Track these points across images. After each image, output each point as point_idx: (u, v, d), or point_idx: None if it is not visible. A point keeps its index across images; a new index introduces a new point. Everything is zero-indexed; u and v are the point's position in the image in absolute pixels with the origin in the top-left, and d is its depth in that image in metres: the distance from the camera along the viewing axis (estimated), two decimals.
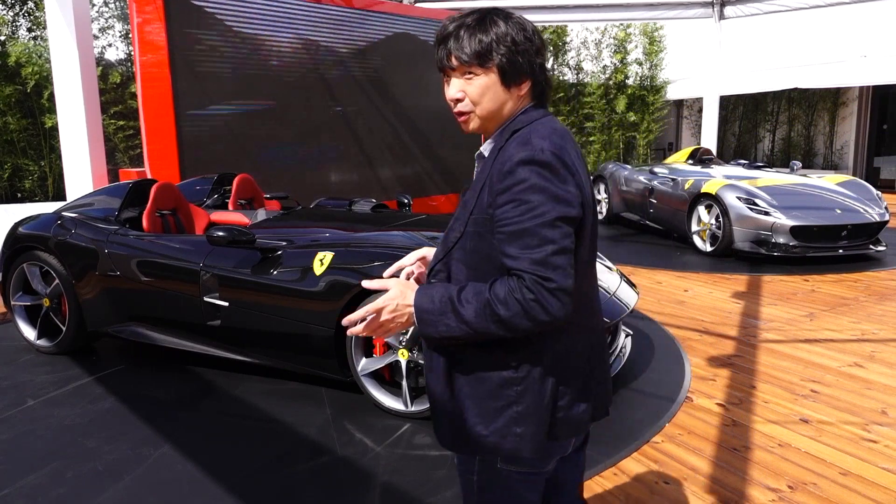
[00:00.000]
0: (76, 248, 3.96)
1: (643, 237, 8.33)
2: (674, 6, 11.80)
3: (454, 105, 1.36)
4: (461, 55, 1.31)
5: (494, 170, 1.28)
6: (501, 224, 1.25)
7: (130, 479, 2.65)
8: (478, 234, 1.31)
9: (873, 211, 6.62)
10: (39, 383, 3.71)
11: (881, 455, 2.78)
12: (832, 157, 14.91)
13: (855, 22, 13.35)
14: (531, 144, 1.26)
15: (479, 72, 1.32)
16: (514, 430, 1.32)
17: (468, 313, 1.25)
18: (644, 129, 14.82)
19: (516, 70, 1.32)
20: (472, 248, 1.32)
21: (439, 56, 1.35)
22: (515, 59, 1.31)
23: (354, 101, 7.82)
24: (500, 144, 1.33)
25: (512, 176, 1.24)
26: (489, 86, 1.32)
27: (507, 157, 1.27)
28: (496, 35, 1.30)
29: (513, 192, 1.23)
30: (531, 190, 1.22)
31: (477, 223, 1.31)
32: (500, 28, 1.31)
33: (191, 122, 6.28)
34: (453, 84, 1.35)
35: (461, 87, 1.34)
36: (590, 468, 2.67)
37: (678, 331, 4.48)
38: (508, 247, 1.24)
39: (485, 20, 1.32)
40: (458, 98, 1.34)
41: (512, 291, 1.22)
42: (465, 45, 1.31)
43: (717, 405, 3.30)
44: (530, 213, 1.22)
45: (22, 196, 9.42)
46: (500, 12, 1.34)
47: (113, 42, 10.17)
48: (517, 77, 1.33)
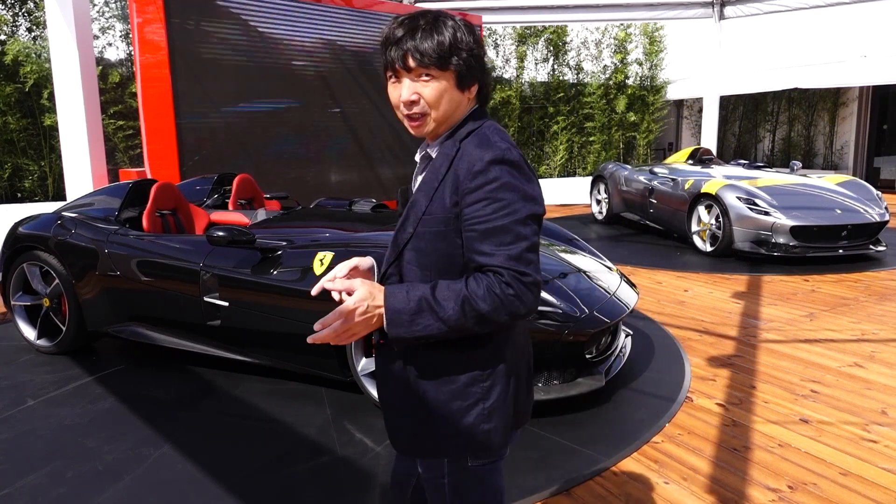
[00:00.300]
0: (76, 248, 3.96)
1: (643, 237, 8.33)
2: (674, 6, 11.80)
3: (408, 107, 1.31)
4: (420, 56, 1.28)
5: (461, 169, 1.29)
6: (474, 222, 1.26)
7: (130, 479, 2.65)
8: (438, 234, 1.31)
9: (873, 211, 6.62)
10: (39, 383, 3.71)
11: (881, 455, 2.78)
12: (832, 157, 14.91)
13: (855, 22, 13.35)
14: (495, 145, 1.29)
15: (436, 74, 1.30)
16: (482, 426, 1.35)
17: (447, 311, 1.24)
18: (644, 129, 14.82)
19: (470, 73, 1.34)
20: (430, 248, 1.32)
21: (392, 56, 1.29)
22: (470, 62, 1.32)
23: (355, 101, 7.82)
24: (455, 146, 1.34)
25: (484, 175, 1.26)
26: (446, 88, 1.31)
27: (474, 157, 1.28)
28: (453, 38, 1.30)
29: (485, 191, 1.25)
30: (504, 188, 1.25)
31: (436, 223, 1.31)
32: (456, 31, 1.31)
33: (191, 123, 6.29)
34: (407, 85, 1.30)
35: (416, 89, 1.30)
36: (590, 468, 2.67)
37: (678, 331, 4.48)
38: (481, 244, 1.25)
39: (438, 22, 1.30)
40: (412, 100, 1.31)
41: (491, 287, 1.23)
42: (426, 46, 1.27)
43: (717, 405, 3.30)
44: (504, 211, 1.24)
45: (22, 196, 9.41)
46: (448, 15, 1.33)
47: (113, 42, 10.16)
48: (470, 80, 1.34)
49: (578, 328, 3.12)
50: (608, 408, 3.25)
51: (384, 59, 1.32)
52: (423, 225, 1.32)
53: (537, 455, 2.79)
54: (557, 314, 3.11)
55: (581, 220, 9.86)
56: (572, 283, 3.46)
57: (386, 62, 1.32)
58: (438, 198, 1.31)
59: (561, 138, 14.06)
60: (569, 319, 3.12)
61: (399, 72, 1.30)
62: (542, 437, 2.95)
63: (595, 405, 3.26)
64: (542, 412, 3.17)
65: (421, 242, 1.33)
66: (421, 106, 1.31)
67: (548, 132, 14.17)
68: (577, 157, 14.50)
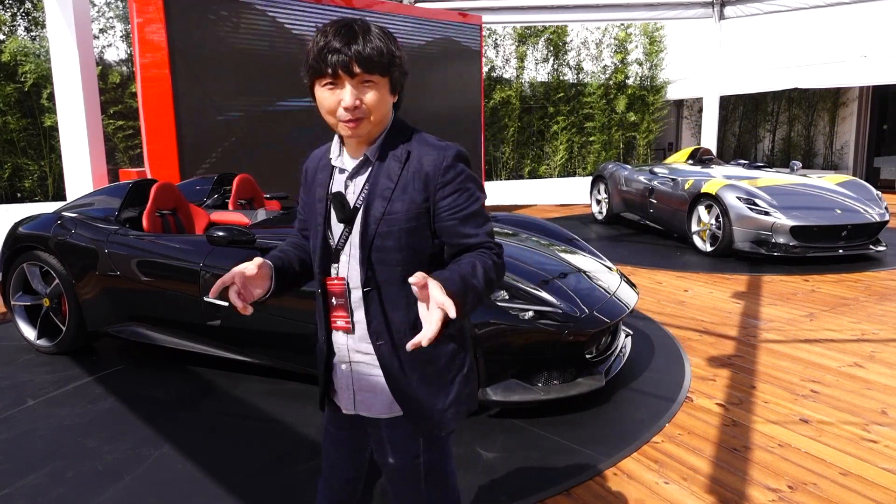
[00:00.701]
0: (76, 248, 3.96)
1: (643, 237, 8.33)
2: (674, 6, 11.80)
3: (351, 112, 1.34)
4: (366, 62, 1.32)
5: (428, 167, 1.39)
6: (454, 210, 1.40)
7: (130, 479, 2.65)
8: (407, 230, 1.39)
9: (873, 211, 6.62)
10: (39, 383, 3.71)
11: (881, 455, 2.78)
12: (832, 157, 14.91)
13: (855, 22, 13.35)
14: (447, 144, 1.43)
15: (377, 79, 1.36)
16: (466, 391, 1.52)
17: (479, 285, 1.34)
18: (644, 129, 14.82)
19: (401, 79, 1.42)
20: (397, 245, 1.40)
21: (333, 62, 1.31)
22: (402, 68, 1.41)
23: None
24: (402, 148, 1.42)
25: (453, 169, 1.40)
26: (385, 93, 1.38)
27: (438, 155, 1.40)
28: (387, 46, 1.36)
29: (457, 183, 1.40)
30: (469, 180, 1.41)
31: (403, 221, 1.39)
32: (387, 39, 1.37)
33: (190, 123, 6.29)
34: (349, 91, 1.33)
35: (358, 95, 1.34)
36: (590, 468, 2.67)
37: (678, 331, 4.48)
38: (464, 228, 1.40)
39: (370, 30, 1.35)
40: (355, 105, 1.34)
41: (490, 259, 1.39)
42: (368, 52, 1.32)
43: (717, 405, 3.30)
44: (473, 198, 1.41)
45: (22, 196, 9.42)
46: (372, 24, 1.38)
47: (113, 42, 10.16)
48: (399, 86, 1.43)
49: (578, 328, 3.12)
50: (608, 408, 3.25)
51: (317, 65, 1.33)
52: (386, 225, 1.39)
53: (537, 455, 2.79)
54: (557, 314, 3.11)
55: (581, 220, 9.86)
56: (572, 283, 3.46)
57: (319, 68, 1.33)
58: (401, 197, 1.39)
59: (561, 138, 14.07)
60: (569, 319, 3.12)
61: (341, 78, 1.33)
62: (542, 437, 2.95)
63: (595, 405, 3.26)
64: (542, 412, 3.17)
65: (387, 241, 1.39)
66: (362, 110, 1.35)
67: (548, 132, 14.17)
68: (577, 157, 14.50)
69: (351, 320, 1.46)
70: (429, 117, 8.79)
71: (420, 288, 1.22)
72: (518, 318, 3.03)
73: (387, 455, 1.52)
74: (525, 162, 14.07)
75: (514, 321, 3.02)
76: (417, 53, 8.55)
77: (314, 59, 1.34)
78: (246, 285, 1.41)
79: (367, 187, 1.42)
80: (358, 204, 1.42)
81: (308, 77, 1.38)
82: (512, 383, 3.05)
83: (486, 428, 3.05)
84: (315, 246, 1.49)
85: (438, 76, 8.86)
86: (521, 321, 3.03)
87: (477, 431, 3.01)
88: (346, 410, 1.54)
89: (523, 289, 3.17)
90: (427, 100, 8.75)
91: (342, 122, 1.36)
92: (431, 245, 1.43)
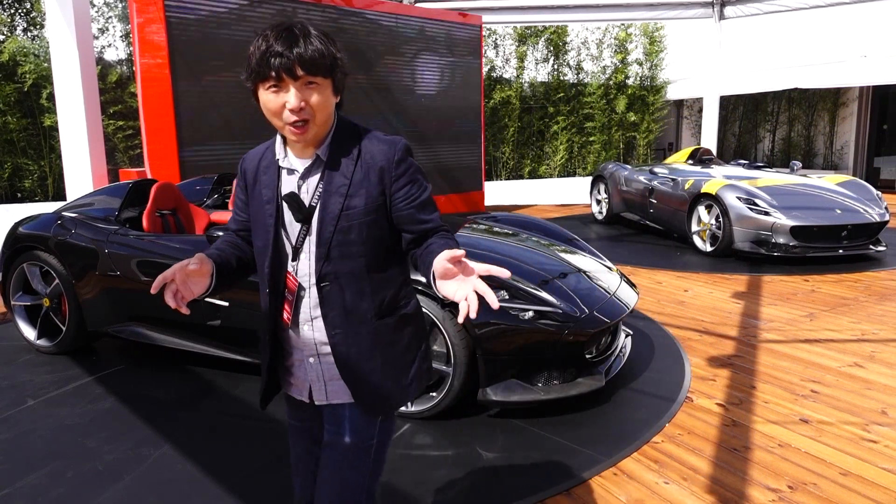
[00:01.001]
0: (76, 248, 3.96)
1: (643, 237, 8.33)
2: (674, 6, 11.80)
3: (296, 113, 1.37)
4: (309, 65, 1.35)
5: (381, 162, 1.46)
6: (410, 200, 1.49)
7: (130, 479, 2.65)
8: (368, 223, 1.47)
9: (873, 211, 6.62)
10: (39, 383, 3.71)
11: (881, 455, 2.78)
12: (832, 157, 14.91)
13: (855, 22, 13.35)
14: (395, 138, 1.51)
15: (321, 81, 1.38)
16: (424, 366, 1.64)
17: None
18: (644, 129, 14.82)
19: (344, 79, 1.45)
20: (359, 238, 1.47)
21: (276, 65, 1.34)
22: (343, 69, 1.44)
23: (354, 102, 7.82)
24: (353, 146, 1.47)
25: (405, 162, 1.49)
26: (329, 94, 1.41)
27: (389, 150, 1.47)
28: (327, 48, 1.38)
29: (410, 175, 1.49)
30: (418, 171, 1.51)
31: (363, 214, 1.46)
32: (327, 41, 1.39)
33: (190, 123, 6.28)
34: (294, 93, 1.36)
35: (303, 97, 1.37)
36: (590, 468, 2.67)
37: (678, 331, 4.48)
38: (421, 214, 1.50)
39: (310, 33, 1.37)
40: (301, 107, 1.37)
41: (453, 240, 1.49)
42: (311, 54, 1.35)
43: (717, 405, 3.30)
44: (424, 187, 1.52)
45: (22, 196, 9.42)
46: (312, 26, 1.40)
47: (113, 42, 10.16)
48: (343, 86, 1.46)
49: (578, 328, 3.12)
50: (608, 408, 3.25)
51: (260, 69, 1.35)
52: (346, 220, 1.45)
53: (537, 455, 2.79)
54: (557, 314, 3.11)
55: (581, 220, 9.86)
56: (572, 283, 3.46)
57: (262, 72, 1.35)
58: (358, 192, 1.45)
59: (561, 138, 14.06)
60: (569, 319, 3.12)
61: (284, 80, 1.35)
62: (542, 437, 2.95)
63: (595, 405, 3.26)
64: (542, 412, 3.17)
65: (349, 235, 1.46)
66: (307, 112, 1.38)
67: (548, 132, 14.17)
68: (577, 157, 14.50)
69: (308, 315, 1.51)
70: (429, 117, 8.79)
71: (455, 263, 1.30)
72: (518, 318, 3.03)
73: (343, 435, 1.55)
74: (525, 162, 14.07)
75: (514, 321, 3.02)
76: (417, 54, 8.55)
77: (257, 63, 1.36)
78: (185, 283, 1.42)
79: (322, 186, 1.46)
80: (314, 203, 1.46)
81: (251, 81, 1.40)
82: (512, 383, 3.05)
83: (486, 428, 3.05)
84: (265, 246, 1.51)
85: (438, 76, 8.86)
86: (521, 321, 3.03)
87: (477, 431, 3.01)
88: (317, 401, 1.58)
89: (523, 289, 3.17)
90: (427, 100, 8.75)
91: (289, 126, 1.39)
92: (390, 235, 1.52)
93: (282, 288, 1.52)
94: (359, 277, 1.48)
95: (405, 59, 8.40)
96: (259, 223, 1.53)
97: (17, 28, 9.55)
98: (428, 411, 3.10)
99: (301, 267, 1.49)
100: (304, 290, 1.50)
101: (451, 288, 1.32)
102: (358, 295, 1.49)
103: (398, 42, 8.29)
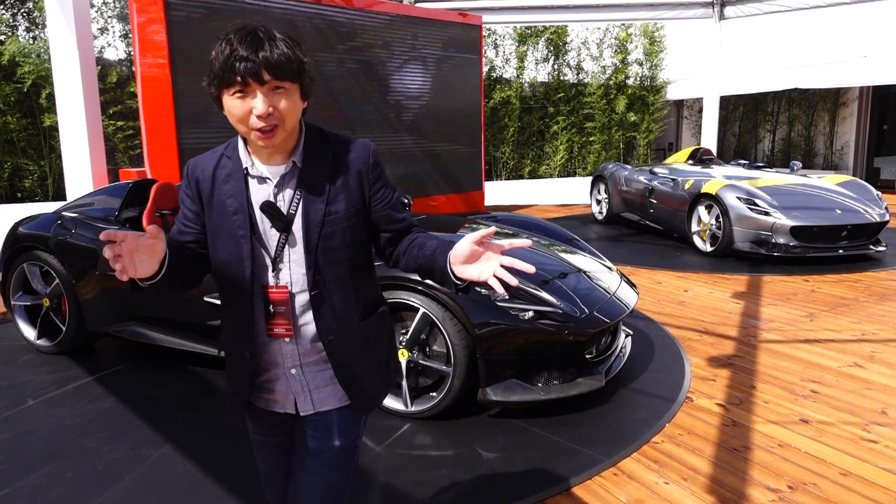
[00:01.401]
0: (76, 248, 3.96)
1: (643, 237, 8.33)
2: (674, 6, 11.80)
3: (264, 119, 1.32)
4: (276, 69, 1.30)
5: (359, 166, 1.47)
6: (386, 202, 1.52)
7: (130, 479, 2.65)
8: (350, 227, 1.47)
9: (873, 211, 6.62)
10: (39, 383, 3.71)
11: (881, 455, 2.78)
12: (832, 157, 14.91)
13: (855, 22, 13.35)
14: (363, 141, 1.52)
15: (289, 86, 1.34)
16: (392, 365, 1.69)
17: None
18: (644, 129, 14.82)
19: (311, 84, 1.42)
20: (342, 243, 1.46)
21: (241, 70, 1.28)
22: (310, 74, 1.41)
23: (353, 101, 7.82)
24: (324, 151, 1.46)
25: (378, 165, 1.51)
26: (297, 100, 1.37)
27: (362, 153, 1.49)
28: (294, 52, 1.34)
29: (384, 177, 1.52)
30: (384, 172, 1.54)
31: (345, 219, 1.45)
32: (293, 46, 1.35)
33: (190, 123, 6.28)
34: (261, 98, 1.31)
35: (271, 102, 1.32)
36: (590, 468, 2.67)
37: (678, 331, 4.48)
38: (396, 214, 1.53)
39: (276, 37, 1.33)
40: (269, 112, 1.32)
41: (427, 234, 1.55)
42: (277, 59, 1.30)
43: (717, 405, 3.30)
44: (391, 187, 1.54)
45: (22, 196, 9.42)
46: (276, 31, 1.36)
47: (113, 42, 10.16)
48: (310, 91, 1.42)
49: (578, 328, 3.12)
50: (608, 408, 3.25)
51: (224, 74, 1.30)
52: (329, 226, 1.43)
53: (537, 455, 2.79)
54: (557, 314, 3.11)
55: (581, 220, 9.86)
56: (572, 283, 3.46)
57: (227, 77, 1.30)
58: (340, 197, 1.45)
59: (561, 138, 14.06)
60: (569, 319, 3.12)
61: (251, 86, 1.30)
62: (542, 437, 2.95)
63: (595, 405, 3.26)
64: (542, 412, 3.17)
65: (332, 241, 1.44)
66: (275, 117, 1.33)
67: (548, 132, 14.17)
68: (577, 157, 14.50)
69: (294, 325, 1.46)
70: (429, 117, 8.79)
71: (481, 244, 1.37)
72: (518, 318, 3.03)
73: (332, 439, 1.53)
74: (525, 162, 14.07)
75: (514, 321, 3.02)
76: (417, 53, 8.55)
77: (220, 67, 1.30)
78: (132, 254, 1.25)
79: (301, 193, 1.42)
80: (292, 211, 1.42)
81: (215, 87, 1.34)
82: (512, 383, 3.05)
83: (486, 428, 3.05)
84: (237, 259, 1.43)
85: (438, 76, 8.86)
86: (521, 321, 3.03)
87: (477, 431, 3.01)
88: (303, 412, 1.53)
89: (523, 289, 3.17)
90: (427, 100, 8.75)
91: (256, 132, 1.33)
92: (368, 237, 1.53)
93: (263, 301, 1.45)
94: (344, 282, 1.47)
95: (405, 59, 8.40)
96: (224, 235, 1.44)
97: (18, 28, 9.55)
98: (428, 411, 3.10)
99: (282, 277, 1.44)
100: (284, 302, 1.44)
101: (475, 270, 1.37)
102: (345, 299, 1.48)
103: (398, 42, 8.29)
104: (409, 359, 3.13)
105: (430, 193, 8.91)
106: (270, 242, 1.43)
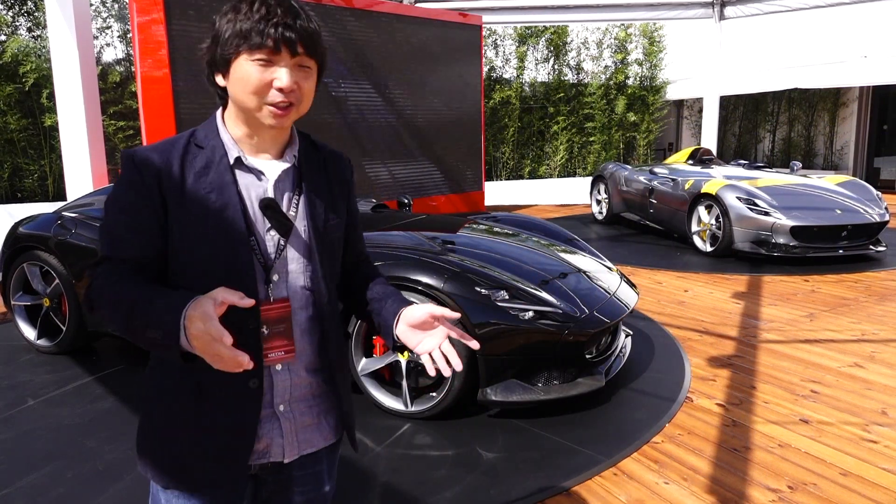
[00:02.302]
0: (76, 248, 3.96)
1: (643, 237, 8.33)
2: (674, 6, 11.80)
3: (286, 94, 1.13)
4: (312, 44, 1.14)
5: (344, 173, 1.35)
6: (356, 216, 1.40)
7: (130, 479, 2.65)
8: (338, 238, 1.31)
9: (873, 211, 6.62)
10: (39, 383, 3.71)
11: (881, 455, 2.78)
12: (832, 157, 14.91)
13: (855, 22, 13.35)
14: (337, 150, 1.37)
15: (313, 66, 1.18)
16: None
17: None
18: (644, 129, 14.82)
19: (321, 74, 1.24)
20: (332, 257, 1.29)
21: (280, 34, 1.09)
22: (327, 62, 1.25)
23: (353, 101, 7.82)
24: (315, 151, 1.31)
25: (353, 175, 1.39)
26: (314, 83, 1.20)
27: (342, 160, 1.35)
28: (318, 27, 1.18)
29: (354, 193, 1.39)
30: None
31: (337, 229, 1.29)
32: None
33: (190, 123, 6.28)
34: (288, 71, 1.12)
35: (296, 78, 1.14)
36: (590, 468, 2.67)
37: (678, 331, 4.48)
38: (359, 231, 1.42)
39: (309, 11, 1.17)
40: (292, 88, 1.13)
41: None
42: (314, 32, 1.15)
43: (717, 405, 3.30)
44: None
45: (22, 196, 9.41)
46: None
47: (113, 42, 10.16)
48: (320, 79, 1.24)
49: (578, 328, 3.12)
50: (608, 408, 3.25)
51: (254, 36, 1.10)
52: (328, 234, 1.27)
53: (537, 455, 2.79)
54: (557, 314, 3.11)
55: (581, 220, 9.86)
56: (572, 283, 3.46)
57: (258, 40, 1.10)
58: (335, 206, 1.29)
59: (561, 138, 14.06)
60: (569, 319, 3.12)
61: (280, 55, 1.11)
62: (542, 437, 2.95)
63: (595, 405, 3.26)
64: (542, 412, 3.17)
65: (325, 253, 1.26)
66: (295, 95, 1.15)
67: (548, 132, 14.17)
68: (577, 158, 14.50)
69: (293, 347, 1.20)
70: (429, 117, 8.79)
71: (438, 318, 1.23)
72: (518, 318, 3.03)
73: (324, 484, 1.35)
74: (525, 162, 14.07)
75: (514, 321, 3.02)
76: (417, 54, 8.54)
77: (250, 28, 1.09)
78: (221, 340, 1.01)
79: (301, 194, 1.23)
80: (292, 212, 1.21)
81: (231, 48, 1.12)
82: (512, 383, 3.05)
83: (486, 428, 3.05)
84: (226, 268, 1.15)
85: (438, 76, 8.86)
86: (521, 321, 3.03)
87: (477, 431, 3.01)
88: (288, 458, 1.25)
89: (523, 289, 3.17)
90: (427, 100, 8.75)
91: (271, 107, 1.13)
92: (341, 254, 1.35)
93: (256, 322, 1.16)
94: (333, 297, 1.30)
95: (405, 59, 8.39)
96: (204, 240, 1.15)
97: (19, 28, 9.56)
98: (428, 411, 3.10)
99: (278, 290, 1.19)
100: (284, 319, 1.19)
101: (416, 339, 1.23)
102: (333, 314, 1.29)
103: (398, 42, 8.29)
104: (408, 359, 3.13)
105: (430, 193, 8.91)
106: (264, 248, 1.18)
